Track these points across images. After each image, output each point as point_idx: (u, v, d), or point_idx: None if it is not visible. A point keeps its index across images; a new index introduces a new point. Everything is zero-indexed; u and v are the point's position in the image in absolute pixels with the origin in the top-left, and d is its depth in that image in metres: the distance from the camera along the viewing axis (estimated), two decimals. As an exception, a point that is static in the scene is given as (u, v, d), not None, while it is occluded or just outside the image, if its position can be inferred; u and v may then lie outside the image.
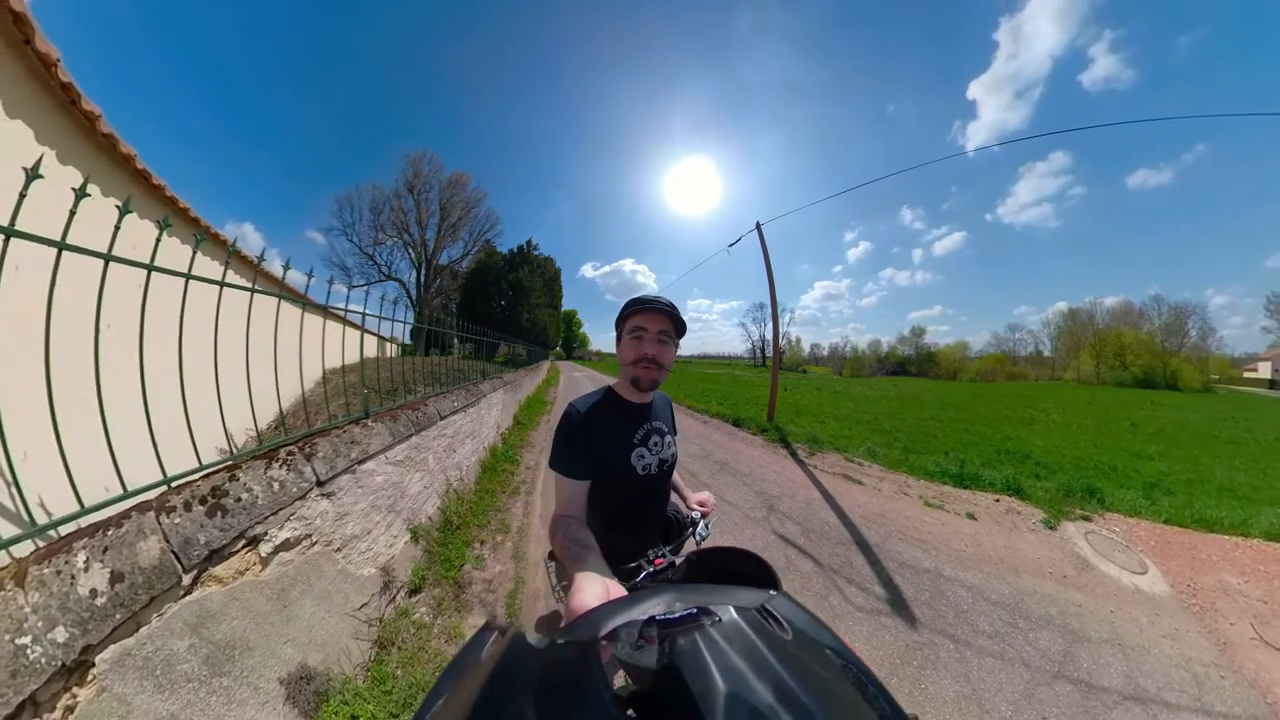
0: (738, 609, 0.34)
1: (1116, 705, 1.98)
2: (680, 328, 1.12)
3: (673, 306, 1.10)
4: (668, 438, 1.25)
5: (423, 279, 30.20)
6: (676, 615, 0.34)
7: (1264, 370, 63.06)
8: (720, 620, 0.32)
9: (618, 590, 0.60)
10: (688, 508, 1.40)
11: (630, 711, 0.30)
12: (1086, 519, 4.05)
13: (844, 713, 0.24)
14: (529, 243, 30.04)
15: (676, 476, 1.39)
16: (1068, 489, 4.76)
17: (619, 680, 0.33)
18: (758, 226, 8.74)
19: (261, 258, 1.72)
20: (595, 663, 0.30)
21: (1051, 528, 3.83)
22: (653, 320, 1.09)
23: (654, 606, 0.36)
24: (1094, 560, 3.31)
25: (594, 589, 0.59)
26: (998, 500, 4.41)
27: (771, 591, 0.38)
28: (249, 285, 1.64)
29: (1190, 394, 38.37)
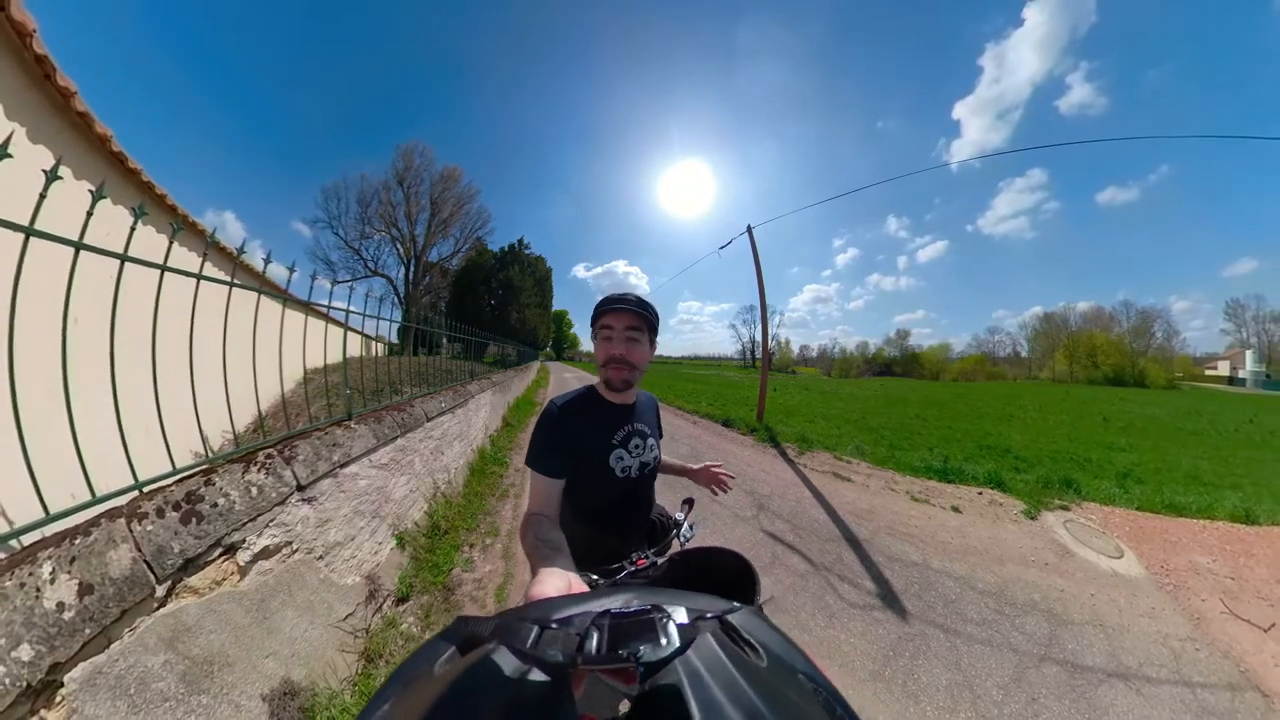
0: (692, 612, 0.35)
1: (1102, 682, 2.05)
2: (651, 322, 1.08)
3: (640, 302, 1.06)
4: (650, 440, 1.22)
5: (411, 276, 29.57)
6: (632, 610, 0.35)
7: (1223, 368, 66.71)
8: (670, 619, 0.32)
9: (579, 586, 0.60)
10: (693, 478, 1.40)
11: None
12: (1065, 508, 4.19)
13: None
14: (520, 241, 29.78)
15: (668, 457, 1.39)
16: (1046, 481, 4.92)
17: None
18: (749, 230, 8.84)
19: (241, 249, 1.64)
20: (567, 695, 0.29)
21: (1032, 518, 3.96)
22: (619, 318, 1.06)
23: (611, 602, 0.37)
24: (1073, 547, 3.42)
25: (555, 582, 0.59)
26: (981, 493, 4.53)
27: (736, 604, 0.37)
28: (227, 279, 1.56)
29: (1157, 391, 40.27)
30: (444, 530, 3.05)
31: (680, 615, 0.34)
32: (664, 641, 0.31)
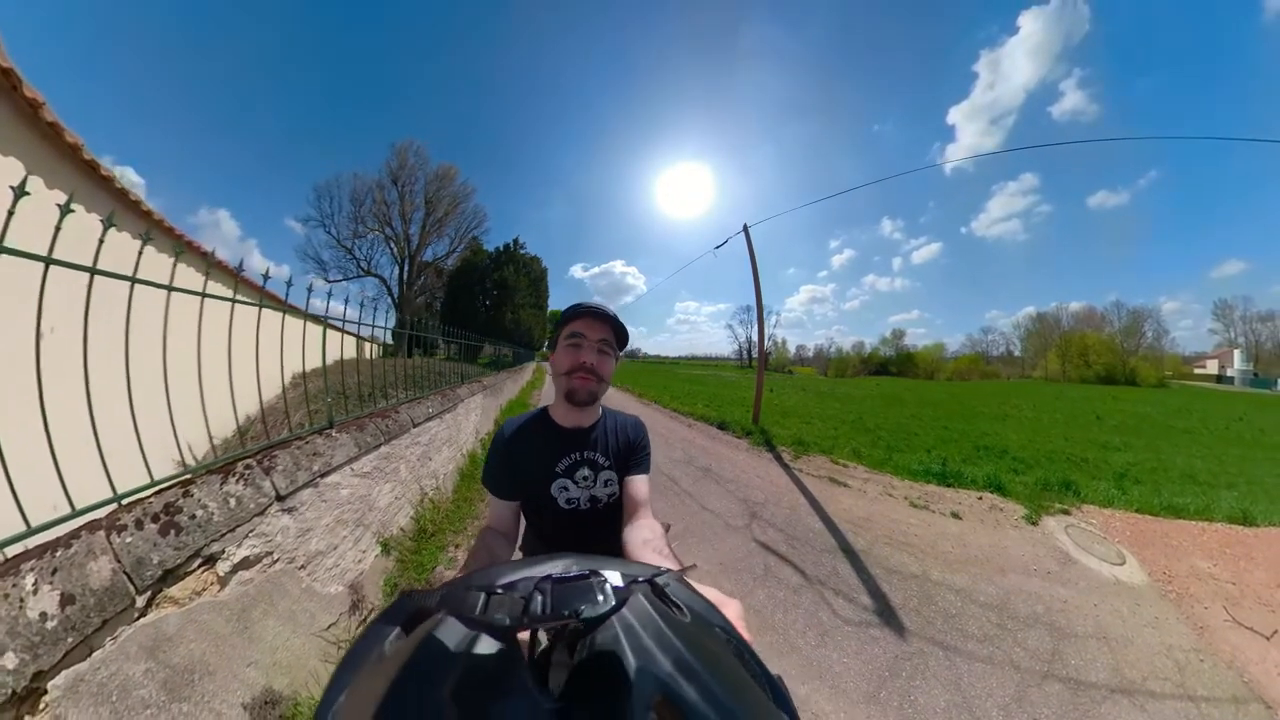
0: (626, 576, 0.38)
1: (1105, 699, 1.99)
2: (621, 338, 1.03)
3: (615, 315, 1.00)
4: (606, 474, 1.07)
5: (405, 275, 29.38)
6: (572, 574, 0.38)
7: (1212, 367, 67.76)
8: (606, 581, 0.36)
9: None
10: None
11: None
12: (1065, 512, 4.15)
13: (727, 675, 0.28)
14: (516, 241, 29.57)
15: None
16: (1045, 483, 4.90)
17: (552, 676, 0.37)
18: (745, 229, 8.81)
19: (213, 252, 1.65)
20: (518, 655, 0.31)
21: (1033, 523, 3.90)
22: (592, 327, 0.99)
23: (551, 568, 0.40)
24: (1075, 554, 3.37)
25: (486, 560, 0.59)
26: (980, 498, 4.49)
27: (663, 569, 0.42)
28: (199, 290, 1.55)
29: (1147, 389, 40.73)
30: (430, 533, 3.01)
31: (615, 578, 0.37)
32: (601, 600, 0.33)
